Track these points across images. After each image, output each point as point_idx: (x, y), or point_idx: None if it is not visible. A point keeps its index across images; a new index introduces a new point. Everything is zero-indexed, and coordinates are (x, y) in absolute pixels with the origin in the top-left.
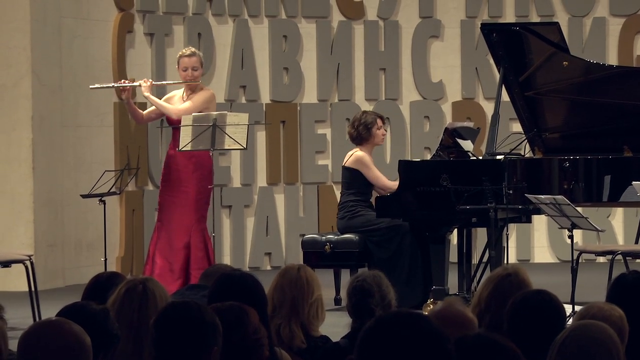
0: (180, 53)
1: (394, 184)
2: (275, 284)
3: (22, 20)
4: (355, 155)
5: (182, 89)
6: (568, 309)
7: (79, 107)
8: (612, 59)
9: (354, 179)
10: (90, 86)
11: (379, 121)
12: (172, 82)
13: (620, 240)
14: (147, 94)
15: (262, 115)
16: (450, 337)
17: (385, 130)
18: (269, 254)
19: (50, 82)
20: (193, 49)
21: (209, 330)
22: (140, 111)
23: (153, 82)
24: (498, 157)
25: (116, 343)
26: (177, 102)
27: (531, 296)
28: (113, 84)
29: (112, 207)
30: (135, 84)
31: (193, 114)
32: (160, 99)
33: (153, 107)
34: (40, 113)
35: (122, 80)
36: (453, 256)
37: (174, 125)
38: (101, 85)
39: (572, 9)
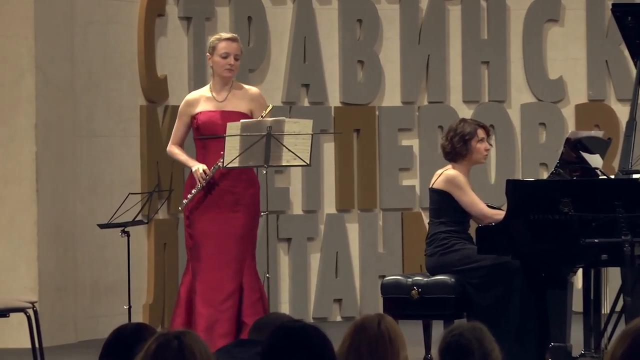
0: (216, 36)
1: (495, 213)
2: (348, 341)
3: (24, 1)
4: (445, 174)
5: (209, 86)
6: None
7: (96, 112)
8: None
9: (444, 204)
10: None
11: (480, 132)
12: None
13: None
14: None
15: (330, 123)
16: None
17: (490, 145)
18: (339, 300)
19: (59, 80)
20: (234, 35)
21: None
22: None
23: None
24: (635, 175)
25: None
26: (201, 105)
27: None
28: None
29: (137, 240)
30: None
31: (241, 120)
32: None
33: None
34: (47, 120)
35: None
36: (577, 304)
37: (211, 135)
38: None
39: None
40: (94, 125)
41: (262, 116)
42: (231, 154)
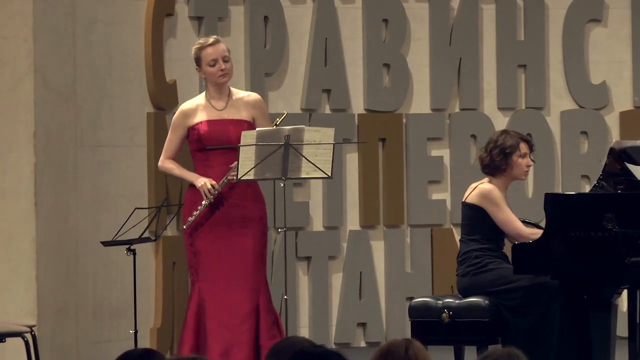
0: (197, 45)
1: (532, 233)
2: None
3: (22, 0)
4: (480, 188)
5: (203, 94)
6: None
7: (100, 120)
8: None
9: (477, 220)
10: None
11: (523, 146)
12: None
13: None
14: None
15: (353, 131)
16: None
17: (532, 161)
18: (363, 324)
19: (60, 85)
20: (214, 36)
21: None
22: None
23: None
24: None
25: None
26: (200, 115)
27: None
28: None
29: (144, 259)
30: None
31: (257, 129)
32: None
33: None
34: (46, 128)
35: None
36: (621, 328)
37: (219, 145)
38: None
39: None
40: (98, 134)
41: (275, 124)
42: (246, 166)
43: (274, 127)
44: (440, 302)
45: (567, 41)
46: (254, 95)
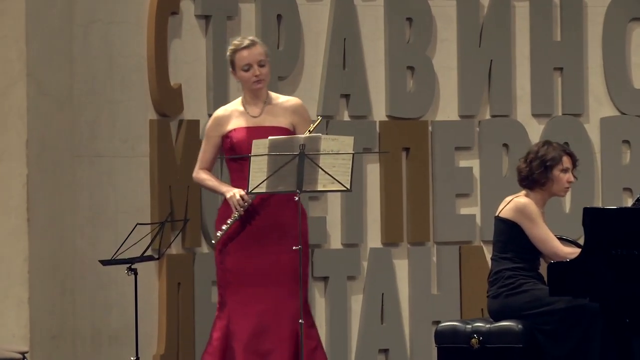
0: (231, 47)
1: (570, 253)
2: None
3: None
4: (515, 201)
5: (239, 99)
6: None
7: (98, 128)
8: None
9: (511, 236)
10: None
11: (566, 160)
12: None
13: None
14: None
15: (374, 140)
16: None
17: (575, 177)
18: (384, 351)
19: (55, 90)
20: (251, 37)
21: None
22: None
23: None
24: None
25: None
26: (234, 122)
27: None
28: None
29: (147, 279)
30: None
31: (270, 137)
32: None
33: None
34: (40, 137)
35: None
36: None
37: (236, 154)
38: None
39: None
40: (96, 143)
41: (309, 131)
42: (257, 178)
43: (308, 133)
44: (470, 326)
45: (607, 42)
46: (293, 100)
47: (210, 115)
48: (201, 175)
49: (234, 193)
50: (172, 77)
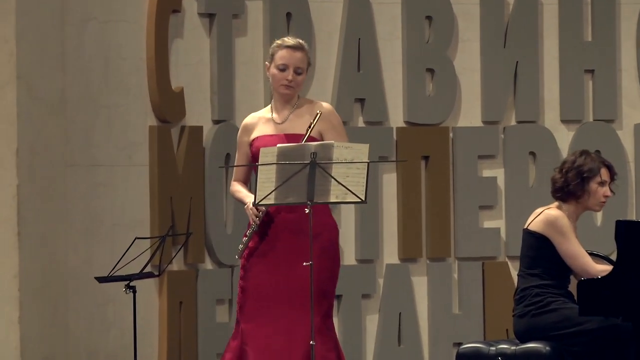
0: (277, 41)
1: (602, 270)
2: None
3: None
4: (546, 213)
5: (270, 106)
6: None
7: (94, 135)
8: None
9: (541, 251)
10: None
11: (604, 173)
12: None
13: None
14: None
15: (391, 148)
16: None
17: (612, 192)
18: None
19: (48, 94)
20: (301, 41)
21: None
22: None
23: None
24: None
25: None
26: (258, 129)
27: None
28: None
29: (146, 297)
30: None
31: (278, 145)
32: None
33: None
34: (31, 144)
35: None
36: None
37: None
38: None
39: None
40: (91, 151)
41: (309, 126)
42: (265, 188)
43: (308, 130)
44: (494, 348)
45: None
46: (323, 106)
47: (214, 121)
48: (233, 187)
49: (249, 203)
50: (174, 80)
